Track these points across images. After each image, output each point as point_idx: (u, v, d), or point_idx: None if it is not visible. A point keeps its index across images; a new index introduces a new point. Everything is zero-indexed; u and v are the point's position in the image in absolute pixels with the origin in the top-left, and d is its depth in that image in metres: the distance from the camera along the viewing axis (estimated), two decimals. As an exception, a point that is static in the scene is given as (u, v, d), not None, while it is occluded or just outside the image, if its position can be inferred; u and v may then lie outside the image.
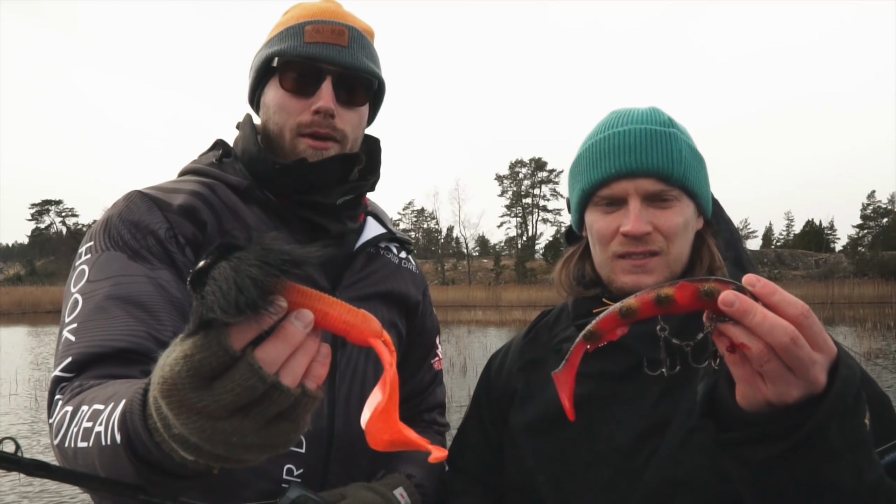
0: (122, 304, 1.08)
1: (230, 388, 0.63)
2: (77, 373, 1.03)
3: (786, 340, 0.74)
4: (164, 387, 0.64)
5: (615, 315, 0.82)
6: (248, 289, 0.61)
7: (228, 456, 0.68)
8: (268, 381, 0.64)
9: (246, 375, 0.63)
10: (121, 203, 1.23)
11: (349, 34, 1.31)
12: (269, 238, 0.65)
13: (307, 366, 0.68)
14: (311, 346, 0.68)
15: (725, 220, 1.33)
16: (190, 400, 0.63)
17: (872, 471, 0.81)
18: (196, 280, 0.63)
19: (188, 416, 0.64)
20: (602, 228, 1.21)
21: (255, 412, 0.65)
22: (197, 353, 0.63)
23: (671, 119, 1.25)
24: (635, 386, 1.18)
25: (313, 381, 0.69)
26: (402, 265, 1.52)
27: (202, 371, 0.63)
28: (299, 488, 1.05)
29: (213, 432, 0.64)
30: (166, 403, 0.65)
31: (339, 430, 1.26)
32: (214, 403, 0.63)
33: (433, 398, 1.58)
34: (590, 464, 1.17)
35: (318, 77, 1.28)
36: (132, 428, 0.75)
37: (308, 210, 1.31)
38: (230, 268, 0.61)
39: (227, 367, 0.63)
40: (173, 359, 0.64)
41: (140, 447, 0.75)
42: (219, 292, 0.60)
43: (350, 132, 1.32)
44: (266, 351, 0.64)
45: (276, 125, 1.30)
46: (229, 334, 0.63)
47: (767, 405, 0.79)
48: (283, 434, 0.68)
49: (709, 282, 0.78)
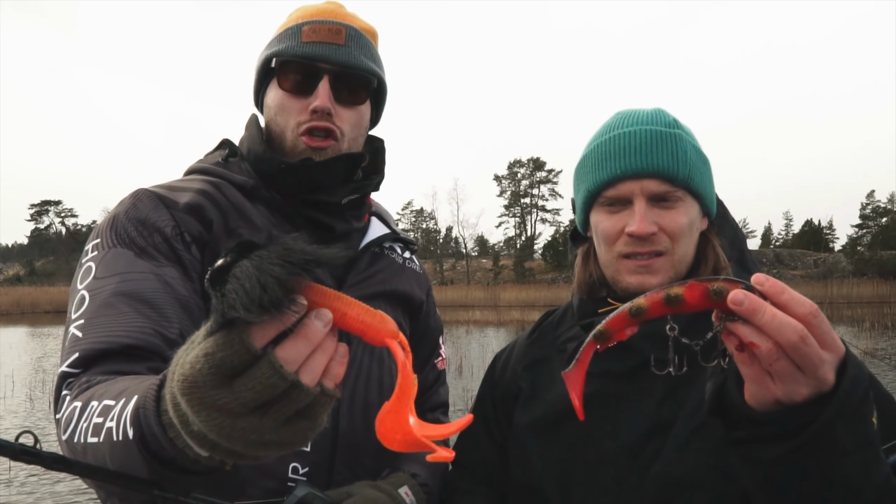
0: (129, 301, 1.09)
1: (251, 385, 0.63)
2: (84, 369, 1.03)
3: (795, 339, 0.74)
4: (185, 384, 0.64)
5: (625, 315, 0.83)
6: (272, 287, 0.60)
7: (245, 452, 0.68)
8: (288, 380, 0.64)
9: (267, 374, 0.63)
10: (128, 201, 1.24)
11: (346, 33, 1.32)
12: (290, 238, 0.65)
13: (326, 365, 0.68)
14: (329, 346, 0.68)
15: (730, 221, 1.33)
16: (211, 397, 0.63)
17: (880, 469, 0.82)
18: (215, 278, 0.63)
19: (209, 414, 0.64)
20: (607, 228, 1.22)
21: (274, 410, 0.65)
22: (218, 351, 0.63)
23: (676, 120, 1.25)
24: (640, 385, 1.18)
25: (331, 379, 0.69)
26: (406, 265, 1.52)
27: (223, 369, 0.63)
28: (306, 486, 1.05)
29: (232, 429, 0.65)
30: (186, 401, 0.65)
31: (344, 428, 1.26)
32: (235, 401, 0.63)
33: (436, 398, 1.59)
34: (595, 462, 1.17)
35: (316, 76, 1.29)
36: (145, 424, 0.76)
37: (313, 209, 1.32)
38: (253, 266, 0.61)
39: (248, 365, 0.64)
40: (194, 356, 0.64)
41: (153, 443, 0.75)
42: (241, 290, 0.60)
43: (349, 131, 1.33)
44: (286, 350, 0.65)
45: (278, 125, 1.32)
46: (251, 333, 0.63)
47: (776, 404, 0.79)
48: (301, 432, 0.68)
49: (718, 281, 0.78)
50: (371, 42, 1.39)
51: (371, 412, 0.72)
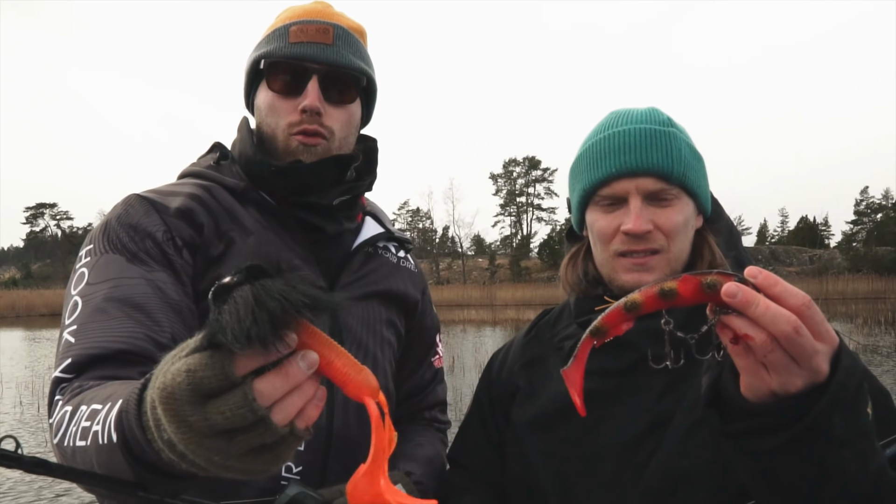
0: (121, 306, 1.10)
1: (222, 410, 0.63)
2: (77, 374, 1.04)
3: (788, 330, 0.74)
4: (164, 393, 0.65)
5: (620, 310, 0.83)
6: (263, 322, 0.61)
7: (209, 469, 0.69)
8: (258, 414, 0.64)
9: (239, 403, 0.63)
10: (119, 207, 1.25)
11: (334, 32, 1.32)
12: (298, 275, 0.66)
13: (301, 407, 0.68)
14: (308, 389, 0.68)
15: (725, 219, 1.34)
16: (183, 412, 0.64)
17: (875, 460, 0.82)
18: (218, 294, 0.63)
19: (179, 427, 0.65)
20: (603, 227, 1.22)
21: (239, 439, 0.65)
22: (200, 370, 0.63)
23: (670, 119, 1.26)
24: (638, 381, 1.18)
25: (304, 421, 0.69)
26: (400, 264, 1.52)
27: (201, 388, 0.63)
28: (298, 485, 1.05)
29: (197, 447, 0.65)
30: (162, 409, 0.66)
31: (337, 428, 1.26)
32: (204, 422, 0.64)
33: (433, 396, 1.59)
34: (593, 459, 1.18)
35: (304, 76, 1.29)
36: (128, 426, 0.76)
37: (304, 211, 1.32)
38: (252, 294, 0.62)
39: (224, 389, 0.64)
40: (176, 369, 0.65)
41: (135, 445, 0.76)
42: (234, 316, 0.61)
43: (338, 130, 1.33)
44: (264, 384, 0.65)
45: (269, 126, 1.32)
46: (235, 359, 0.64)
47: (771, 395, 0.80)
48: (263, 464, 0.69)
49: (711, 274, 0.79)
50: (359, 41, 1.39)
51: (364, 411, 0.72)
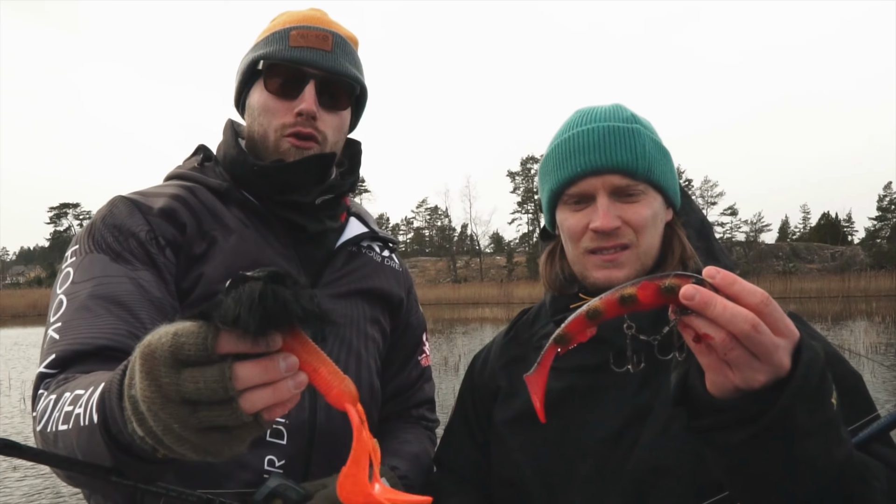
0: (105, 304, 1.12)
1: (196, 380, 0.65)
2: (61, 369, 1.07)
3: (747, 328, 0.75)
4: (146, 350, 0.67)
5: (582, 318, 0.84)
6: (255, 314, 0.63)
7: (162, 438, 0.70)
8: (229, 394, 0.66)
9: (215, 377, 0.65)
10: (104, 208, 1.28)
11: (333, 40, 1.35)
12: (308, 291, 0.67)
13: (271, 403, 0.69)
14: (282, 389, 0.69)
15: (695, 211, 1.34)
16: (157, 371, 0.66)
17: (841, 448, 0.83)
18: (234, 282, 0.66)
19: (149, 384, 0.67)
20: (573, 226, 1.23)
21: (203, 414, 0.67)
22: (184, 335, 0.65)
23: (634, 115, 1.27)
24: (616, 377, 1.18)
25: (269, 414, 0.70)
26: (384, 263, 1.54)
27: (180, 354, 0.65)
28: (279, 478, 1.07)
29: (159, 409, 0.67)
30: (139, 363, 0.68)
31: (321, 421, 1.28)
32: (174, 385, 0.66)
33: (421, 394, 1.60)
34: (574, 455, 1.19)
35: (302, 80, 1.32)
36: (108, 406, 0.78)
37: (287, 210, 1.34)
38: (258, 290, 0.64)
39: (202, 362, 0.66)
40: (164, 330, 0.67)
41: (113, 425, 0.78)
42: (234, 300, 0.63)
43: (331, 135, 1.36)
44: (243, 369, 0.66)
45: (261, 126, 1.34)
46: (218, 336, 0.66)
47: (736, 391, 0.80)
48: (218, 444, 0.70)
49: (669, 278, 0.80)
50: (354, 50, 1.43)
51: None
